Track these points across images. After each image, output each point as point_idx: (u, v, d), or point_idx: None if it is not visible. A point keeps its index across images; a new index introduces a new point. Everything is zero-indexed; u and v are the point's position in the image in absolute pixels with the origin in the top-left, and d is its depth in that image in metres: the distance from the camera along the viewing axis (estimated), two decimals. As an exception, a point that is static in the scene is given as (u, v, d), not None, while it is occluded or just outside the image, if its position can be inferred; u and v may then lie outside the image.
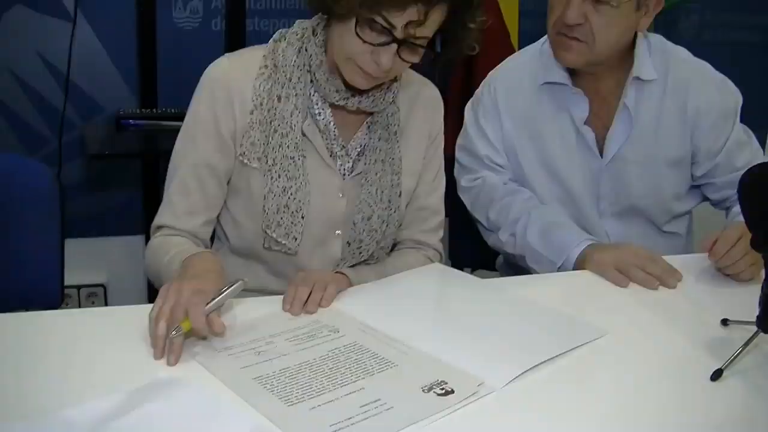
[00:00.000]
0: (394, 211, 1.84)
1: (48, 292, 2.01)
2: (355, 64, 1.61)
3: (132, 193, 3.32)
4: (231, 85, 1.72)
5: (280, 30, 1.78)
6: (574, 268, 1.93)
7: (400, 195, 1.85)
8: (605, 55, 1.99)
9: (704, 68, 2.13)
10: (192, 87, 1.76)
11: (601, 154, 2.11)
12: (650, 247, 1.92)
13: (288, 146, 1.71)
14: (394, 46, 1.57)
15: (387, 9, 1.53)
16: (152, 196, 3.18)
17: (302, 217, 1.74)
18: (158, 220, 1.78)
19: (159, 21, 3.11)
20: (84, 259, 3.20)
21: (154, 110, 3.08)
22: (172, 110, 3.01)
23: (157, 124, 2.96)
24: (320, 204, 1.76)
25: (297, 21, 1.77)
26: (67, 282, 2.06)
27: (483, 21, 1.67)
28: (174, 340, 1.33)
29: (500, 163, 2.17)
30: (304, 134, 1.73)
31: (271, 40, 1.77)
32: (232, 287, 1.45)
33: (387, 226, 1.83)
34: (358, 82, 1.65)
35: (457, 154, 2.25)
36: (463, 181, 2.22)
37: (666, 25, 2.12)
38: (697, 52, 2.16)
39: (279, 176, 1.71)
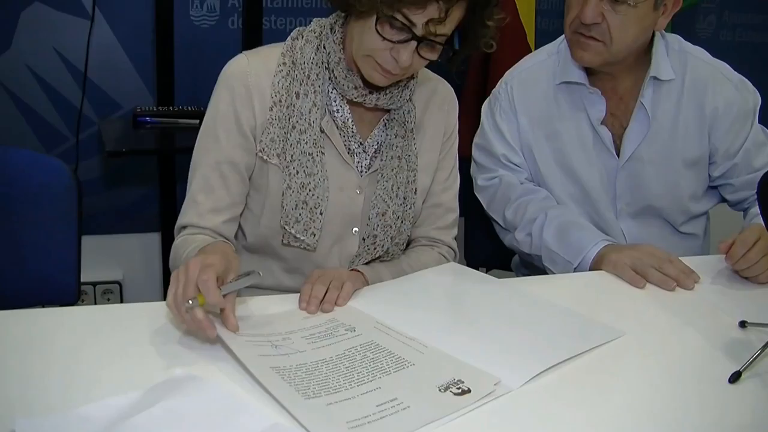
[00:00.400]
0: (410, 208, 1.85)
1: (64, 289, 2.02)
2: (374, 60, 1.62)
3: (148, 191, 3.34)
4: (250, 82, 1.72)
5: (297, 28, 1.79)
6: (591, 269, 1.93)
7: (415, 192, 1.86)
8: (622, 55, 1.99)
9: (722, 68, 2.12)
10: (209, 84, 1.76)
11: (618, 154, 2.10)
12: (667, 248, 1.91)
13: (306, 142, 1.71)
14: (414, 43, 1.58)
15: (408, 6, 1.53)
16: (169, 194, 3.20)
17: (321, 213, 1.74)
18: (182, 220, 1.77)
19: (176, 19, 3.11)
20: (100, 255, 3.21)
21: (171, 108, 3.08)
22: (189, 108, 3.02)
23: (173, 122, 2.97)
24: (338, 200, 1.77)
25: (314, 19, 1.78)
26: (83, 279, 2.06)
27: (501, 18, 1.67)
28: (196, 313, 1.33)
29: (517, 162, 2.17)
30: (322, 131, 1.74)
31: (288, 38, 1.78)
32: (248, 276, 1.45)
33: (402, 222, 1.84)
34: (376, 79, 1.66)
35: (474, 153, 2.24)
36: (479, 180, 2.22)
37: (683, 25, 2.11)
38: (715, 52, 2.15)
39: (297, 172, 1.71)
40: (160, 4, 3.08)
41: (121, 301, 3.37)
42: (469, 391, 1.27)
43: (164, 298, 1.39)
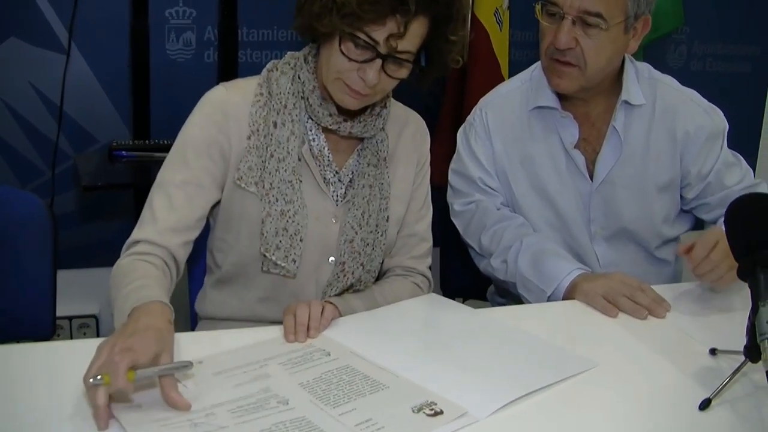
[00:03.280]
0: (381, 235, 1.86)
1: (40, 324, 2.01)
2: (343, 83, 1.66)
3: (124, 224, 3.30)
4: (228, 110, 1.74)
5: (272, 60, 1.82)
6: (564, 297, 1.94)
7: (387, 219, 1.87)
8: (597, 79, 2.03)
9: (692, 95, 2.17)
10: (185, 118, 1.77)
11: (592, 178, 2.13)
12: (641, 273, 1.93)
13: (285, 170, 1.73)
14: (378, 61, 1.62)
15: (367, 24, 1.57)
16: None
17: (301, 240, 1.75)
18: (137, 234, 1.71)
19: (152, 53, 3.13)
20: (76, 290, 3.19)
21: (147, 141, 3.08)
22: (165, 141, 3.01)
23: (149, 156, 2.96)
24: (315, 229, 1.78)
25: (288, 53, 1.81)
26: (59, 313, 2.05)
27: (464, 35, 1.71)
28: (97, 395, 1.22)
29: (493, 186, 2.19)
30: (300, 159, 1.76)
31: (264, 69, 1.81)
32: (177, 366, 1.34)
33: (372, 249, 1.85)
34: (348, 102, 1.69)
35: (451, 178, 2.26)
36: (456, 205, 2.24)
37: (655, 56, 2.15)
38: (686, 82, 2.19)
39: (276, 200, 1.73)
40: (135, 39, 3.09)
41: (98, 335, 3.35)
42: (441, 412, 1.29)
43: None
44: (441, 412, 1.29)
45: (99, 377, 1.21)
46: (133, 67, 3.13)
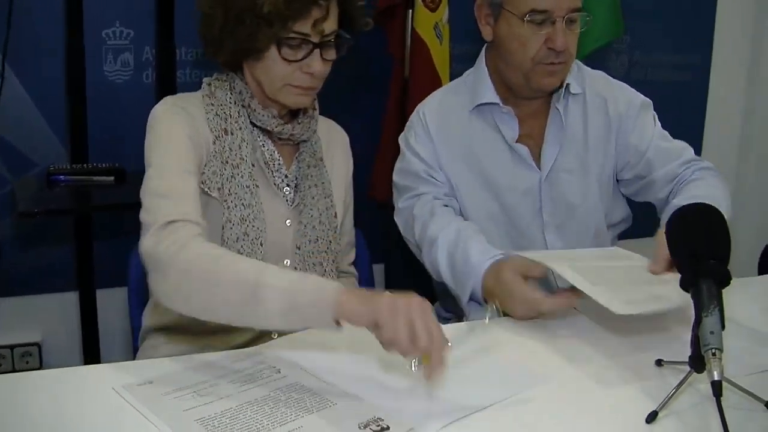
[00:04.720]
0: (334, 231, 1.93)
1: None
2: (291, 86, 1.75)
3: (64, 250, 3.26)
4: (191, 113, 1.77)
5: (205, 78, 1.88)
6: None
7: (335, 215, 1.94)
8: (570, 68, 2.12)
9: (619, 84, 2.26)
10: (124, 140, 1.75)
11: (540, 168, 2.16)
12: None
13: (242, 176, 1.77)
14: (317, 51, 1.73)
15: (295, 22, 1.67)
16: (85, 252, 3.12)
17: (261, 245, 1.78)
18: (171, 213, 1.57)
19: (89, 74, 3.07)
20: (17, 318, 3.13)
21: (86, 165, 3.01)
22: (104, 164, 2.96)
23: (88, 179, 2.91)
24: (272, 233, 1.81)
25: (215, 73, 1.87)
26: (0, 342, 2.00)
27: None
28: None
29: (438, 178, 2.18)
30: (253, 165, 1.80)
31: (203, 84, 1.87)
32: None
33: (332, 243, 1.91)
34: (300, 101, 1.80)
35: (395, 178, 2.26)
36: (399, 202, 2.22)
37: (597, 65, 2.18)
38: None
39: (236, 206, 1.76)
40: (72, 60, 3.04)
41: (41, 363, 3.28)
42: (387, 428, 1.30)
43: (84, 357, 1.36)
44: (387, 428, 1.30)
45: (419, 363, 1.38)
46: (70, 89, 3.07)
